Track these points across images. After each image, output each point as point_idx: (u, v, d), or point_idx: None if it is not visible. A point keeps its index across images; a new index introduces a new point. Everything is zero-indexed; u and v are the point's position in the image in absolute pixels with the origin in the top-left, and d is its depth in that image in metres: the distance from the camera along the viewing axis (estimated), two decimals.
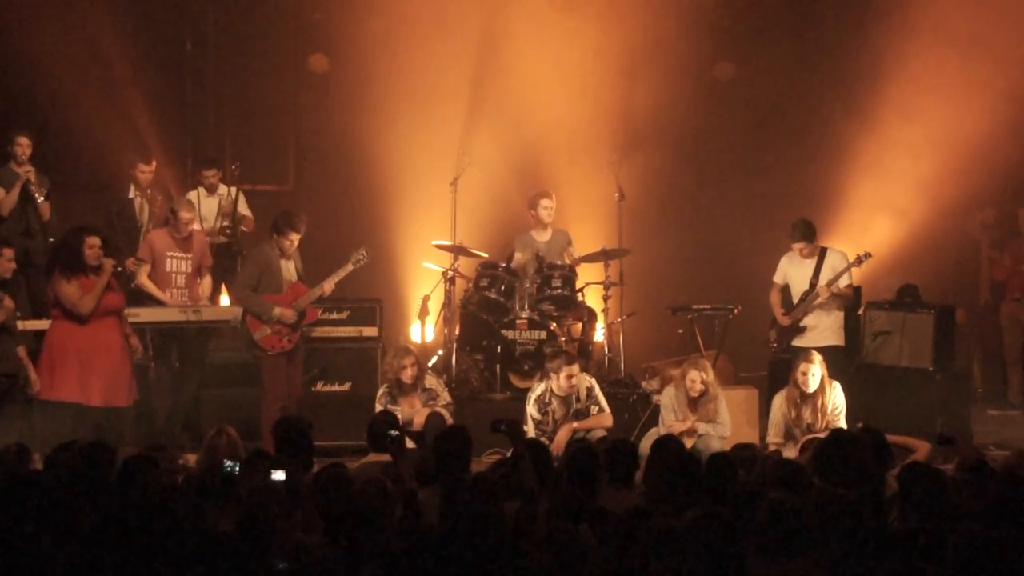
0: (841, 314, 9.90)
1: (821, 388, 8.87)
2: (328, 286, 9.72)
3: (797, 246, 9.96)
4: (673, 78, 12.26)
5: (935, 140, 11.41)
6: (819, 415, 8.85)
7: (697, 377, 9.04)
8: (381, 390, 9.22)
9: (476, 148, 11.54)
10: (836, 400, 8.95)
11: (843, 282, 9.77)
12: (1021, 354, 11.56)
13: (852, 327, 10.10)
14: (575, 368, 9.05)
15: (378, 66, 12.07)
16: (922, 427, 8.93)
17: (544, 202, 10.87)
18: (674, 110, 12.39)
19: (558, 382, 8.99)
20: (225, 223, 10.83)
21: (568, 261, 10.82)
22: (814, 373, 8.84)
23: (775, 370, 9.91)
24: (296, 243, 9.70)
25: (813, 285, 9.80)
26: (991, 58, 11.36)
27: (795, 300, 9.94)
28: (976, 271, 12.02)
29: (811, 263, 9.89)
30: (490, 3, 12.12)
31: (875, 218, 11.58)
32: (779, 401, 9.03)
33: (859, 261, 9.75)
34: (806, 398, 8.88)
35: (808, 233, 9.92)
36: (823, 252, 9.92)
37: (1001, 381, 11.77)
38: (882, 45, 11.86)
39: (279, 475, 5.79)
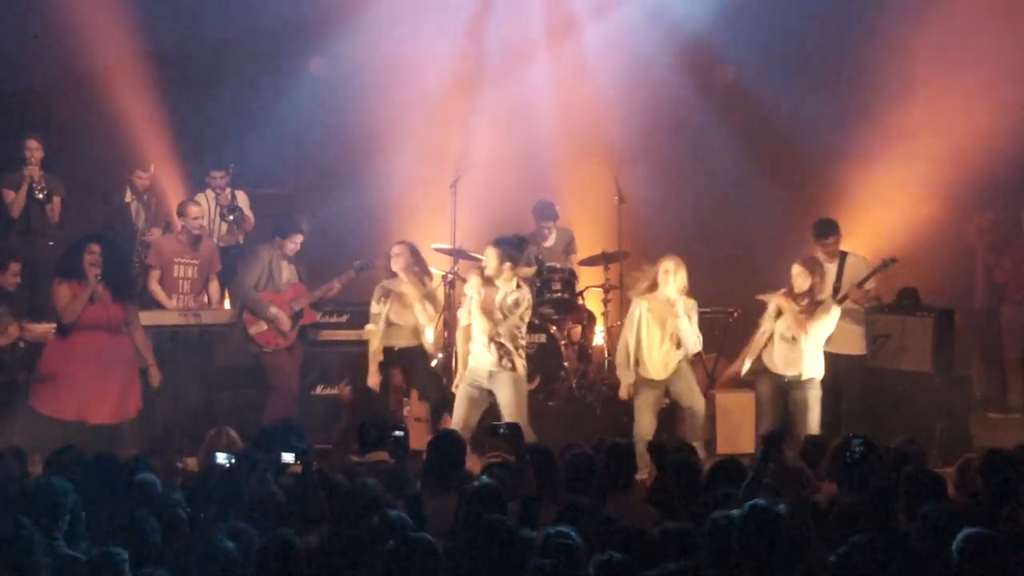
0: (863, 321, 9.82)
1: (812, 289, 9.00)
2: (330, 290, 9.92)
3: (828, 240, 9.80)
4: (674, 81, 12.27)
5: (934, 143, 11.40)
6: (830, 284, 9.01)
7: (669, 267, 9.09)
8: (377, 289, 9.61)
9: (476, 151, 11.52)
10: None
11: (869, 285, 9.67)
12: (1022, 357, 11.54)
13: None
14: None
15: (378, 67, 12.06)
16: (922, 431, 8.92)
17: (550, 224, 11.03)
18: (674, 113, 12.38)
19: None
20: (230, 216, 10.89)
21: (569, 264, 10.84)
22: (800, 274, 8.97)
23: None
24: (299, 245, 9.89)
25: (837, 290, 9.64)
26: (990, 63, 11.36)
27: None
28: (972, 274, 12.00)
29: (832, 267, 9.76)
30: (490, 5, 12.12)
31: (875, 221, 11.56)
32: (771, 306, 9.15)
33: (884, 266, 9.64)
34: (800, 295, 8.98)
35: (836, 226, 9.85)
36: (843, 256, 9.84)
37: (1001, 384, 11.73)
38: (883, 51, 11.85)
39: (288, 457, 5.76)
